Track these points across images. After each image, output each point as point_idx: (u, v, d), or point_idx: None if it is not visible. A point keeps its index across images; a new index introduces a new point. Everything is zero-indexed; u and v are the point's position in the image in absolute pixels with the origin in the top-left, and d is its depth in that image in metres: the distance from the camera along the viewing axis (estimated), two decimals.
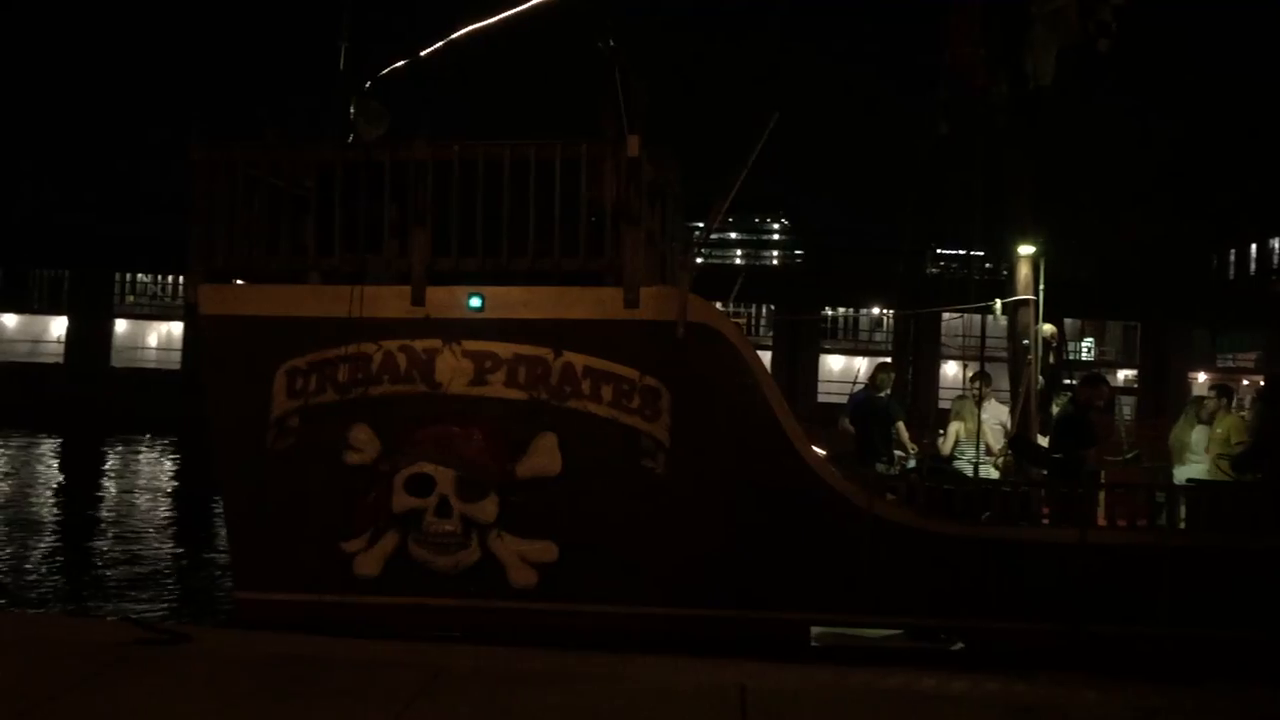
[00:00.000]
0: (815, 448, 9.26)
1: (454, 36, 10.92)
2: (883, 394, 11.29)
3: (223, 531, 17.26)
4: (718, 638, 8.62)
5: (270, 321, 9.07)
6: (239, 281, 9.51)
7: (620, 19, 10.50)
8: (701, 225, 12.69)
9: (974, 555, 8.69)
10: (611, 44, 10.06)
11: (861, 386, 11.77)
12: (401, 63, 10.85)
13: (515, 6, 11.11)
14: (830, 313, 50.14)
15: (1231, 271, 53.76)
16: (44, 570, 15.02)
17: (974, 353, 12.97)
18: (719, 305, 13.19)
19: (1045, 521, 9.03)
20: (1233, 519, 8.84)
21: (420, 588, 8.92)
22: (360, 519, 8.93)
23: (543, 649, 7.89)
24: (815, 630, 8.91)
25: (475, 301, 8.92)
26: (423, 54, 10.74)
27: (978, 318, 13.30)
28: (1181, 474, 10.66)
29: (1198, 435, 11.14)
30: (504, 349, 8.89)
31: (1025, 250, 11.29)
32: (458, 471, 8.83)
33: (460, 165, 9.01)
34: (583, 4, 11.34)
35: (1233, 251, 53.54)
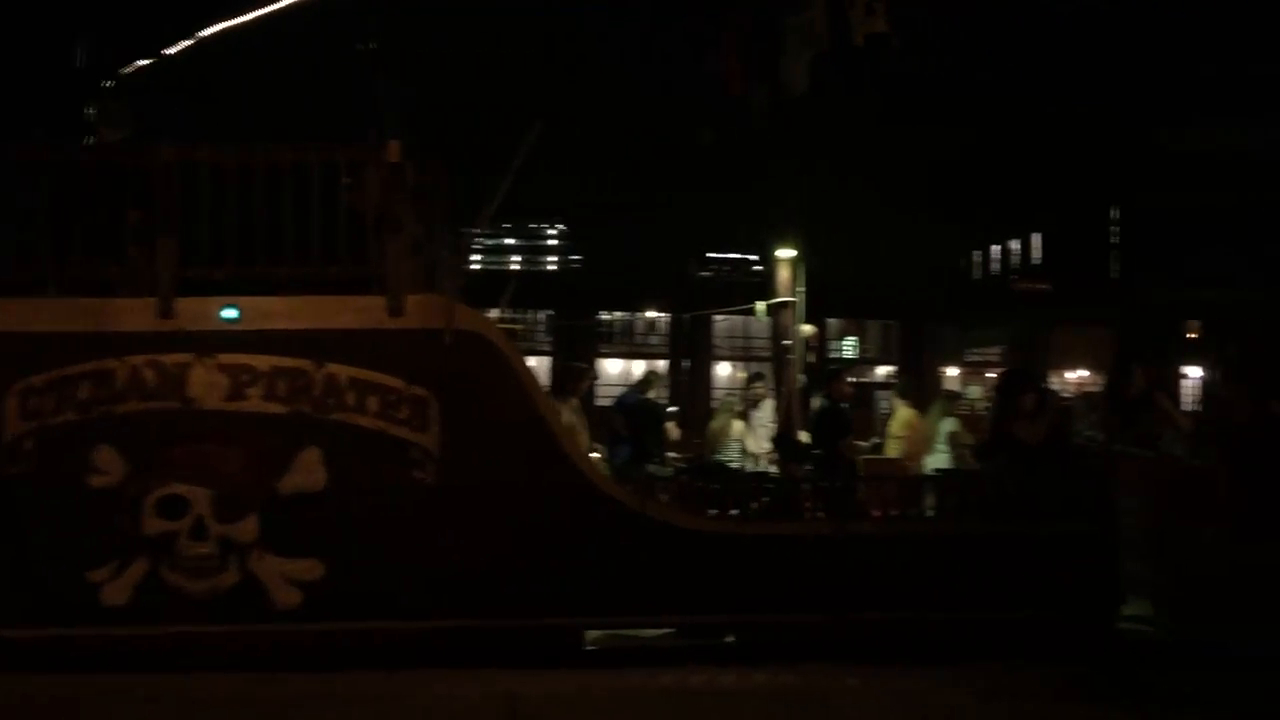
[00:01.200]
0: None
1: (201, 35, 10.44)
2: (650, 395, 11.50)
3: None
4: (494, 648, 8.54)
5: (2, 338, 8.41)
6: None
7: (385, 19, 10.28)
8: (473, 230, 12.59)
9: (742, 551, 8.93)
10: (373, 46, 9.84)
11: (630, 390, 11.96)
12: (145, 62, 10.30)
13: (269, 5, 10.72)
14: (607, 317, 50.70)
15: (978, 271, 57.53)
16: None
17: (745, 354, 13.39)
18: (495, 312, 13.10)
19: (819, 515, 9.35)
20: (974, 506, 9.41)
21: (176, 616, 8.44)
22: (106, 546, 8.37)
23: (310, 672, 7.64)
24: (590, 634, 8.95)
25: (229, 313, 8.53)
26: (168, 52, 10.23)
27: (748, 320, 13.74)
28: (931, 464, 11.33)
29: (945, 426, 11.91)
30: (262, 361, 8.53)
31: (784, 254, 11.72)
32: (214, 491, 8.41)
33: (210, 170, 8.61)
34: (343, 3, 11.05)
35: (977, 253, 57.32)
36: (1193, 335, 41.05)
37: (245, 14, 10.65)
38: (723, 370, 45.59)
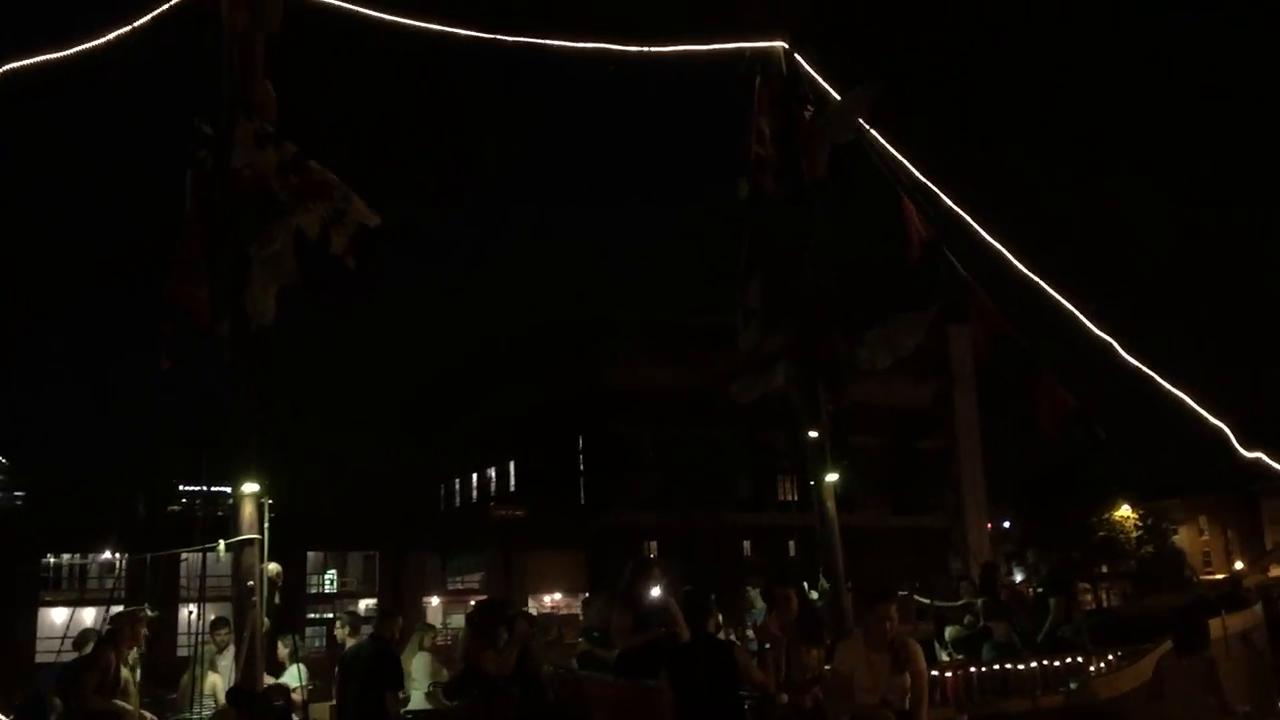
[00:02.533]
0: None
1: None
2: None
3: None
4: None
5: None
6: None
7: None
8: None
9: None
10: None
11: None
12: None
13: None
14: (53, 560, 45.19)
15: (457, 499, 58.71)
16: None
17: (208, 595, 12.38)
18: None
19: None
20: None
21: None
22: None
23: None
24: None
25: None
26: None
27: (206, 558, 12.76)
28: (412, 703, 10.90)
29: (419, 661, 11.54)
30: None
31: (248, 488, 11.12)
32: None
33: None
34: None
35: (458, 480, 58.67)
36: (650, 556, 44.34)
37: None
38: (185, 613, 41.95)
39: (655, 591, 10.04)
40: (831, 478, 12.52)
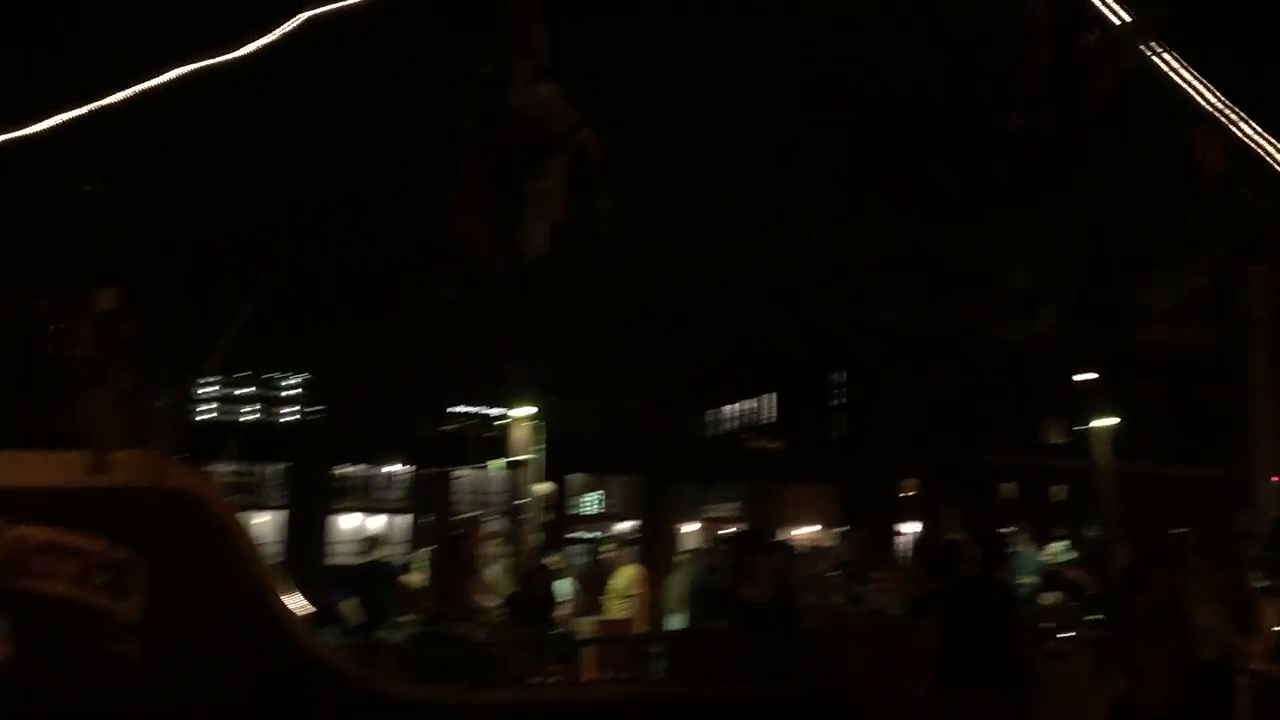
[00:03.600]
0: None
1: None
2: (378, 555, 11.15)
3: None
4: None
5: None
6: None
7: (107, 160, 9.92)
8: (196, 381, 12.03)
9: None
10: (89, 188, 9.44)
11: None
12: None
13: None
14: (345, 471, 49.16)
15: (715, 429, 59.59)
16: None
17: (487, 509, 13.23)
18: (223, 466, 12.44)
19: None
20: (706, 668, 9.47)
21: None
22: None
23: None
24: None
25: None
26: None
27: (489, 475, 13.63)
28: (673, 624, 11.31)
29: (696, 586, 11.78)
30: None
31: (521, 411, 11.79)
32: None
33: None
34: (65, 144, 10.60)
35: (717, 411, 59.52)
36: (908, 494, 43.65)
37: None
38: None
39: (941, 537, 9.98)
40: (1105, 422, 12.01)
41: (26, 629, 7.78)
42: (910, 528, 41.43)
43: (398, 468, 47.35)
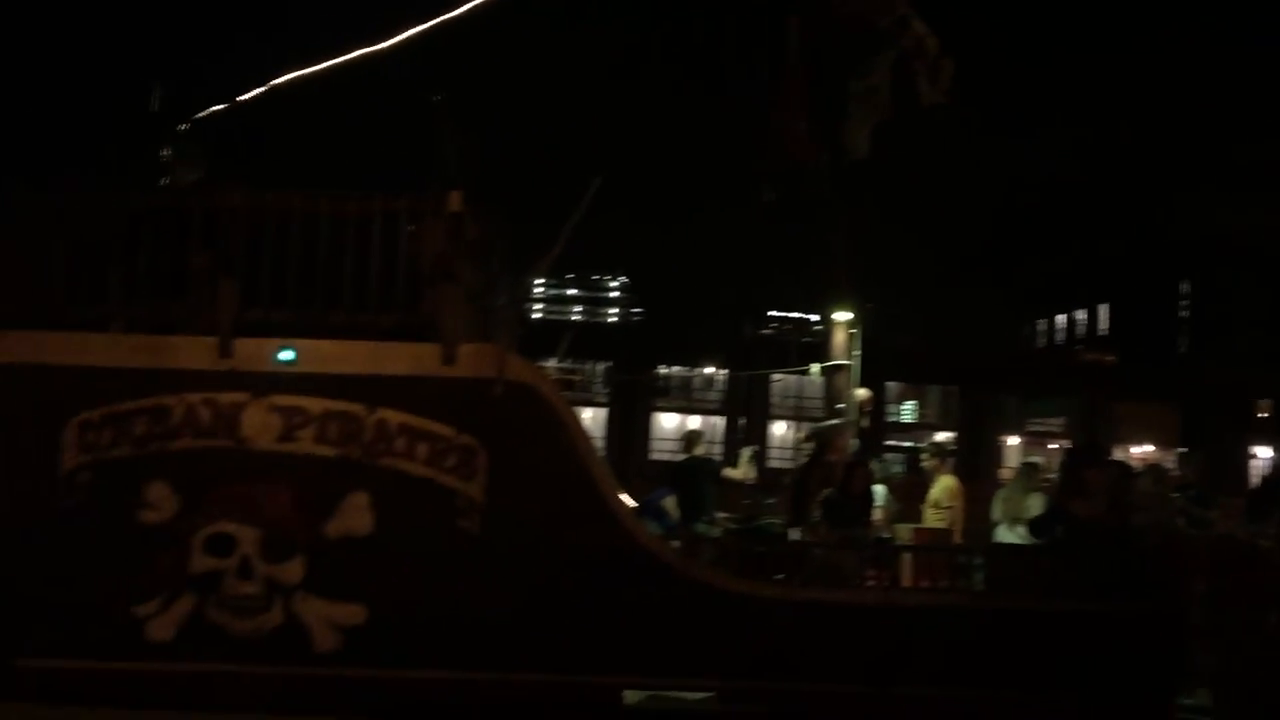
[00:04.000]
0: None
1: (275, 83, 10.70)
2: (698, 452, 11.43)
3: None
4: (531, 703, 8.47)
5: (61, 371, 8.57)
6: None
7: (452, 69, 10.47)
8: (529, 281, 12.69)
9: (785, 617, 8.78)
10: (439, 97, 10.00)
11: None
12: (219, 107, 10.57)
13: (342, 55, 10.98)
14: (665, 371, 50.71)
15: (1041, 340, 56.81)
16: None
17: (801, 413, 13.31)
18: (553, 363, 13.13)
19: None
20: (1027, 582, 9.17)
21: (219, 654, 8.48)
22: (154, 581, 8.45)
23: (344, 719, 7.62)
24: (628, 694, 8.83)
25: (286, 354, 8.64)
26: (241, 99, 10.49)
27: (804, 380, 13.67)
28: (1003, 538, 10.99)
29: (1032, 501, 11.36)
30: (315, 404, 8.61)
31: (841, 316, 11.65)
32: (262, 531, 8.47)
33: (275, 215, 8.77)
34: (414, 54, 11.28)
35: (1041, 322, 56.66)
36: (1263, 415, 40.06)
37: (317, 63, 10.93)
38: (778, 429, 45.31)
39: None
40: None
41: (386, 503, 8.60)
42: (1265, 452, 38.08)
43: (714, 370, 48.42)
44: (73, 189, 8.93)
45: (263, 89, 10.68)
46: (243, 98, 10.52)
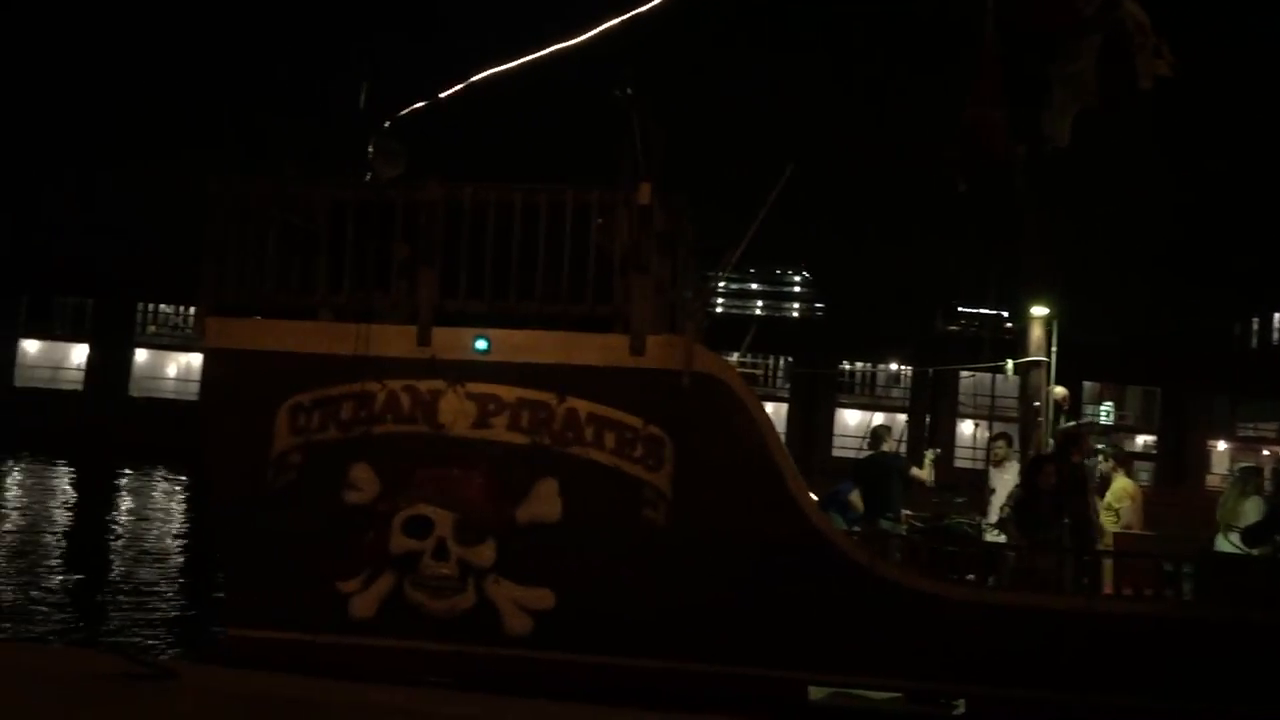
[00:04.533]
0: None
1: (473, 80, 11.00)
2: (885, 448, 11.20)
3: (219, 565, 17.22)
4: (713, 694, 8.48)
5: (276, 356, 9.06)
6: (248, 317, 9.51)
7: (641, 64, 10.55)
8: (716, 274, 12.68)
9: (977, 620, 8.54)
10: (629, 91, 10.10)
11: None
12: (420, 104, 10.94)
13: (535, 52, 11.22)
14: (847, 367, 50.01)
15: (1254, 340, 53.41)
16: (41, 597, 14.99)
17: (991, 412, 12.90)
18: (734, 356, 13.09)
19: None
20: (1241, 592, 8.66)
21: (415, 631, 8.81)
22: (357, 559, 8.85)
23: (533, 699, 7.78)
24: (813, 690, 8.76)
25: (481, 344, 8.90)
26: (442, 96, 10.83)
27: (994, 378, 13.26)
28: (1224, 546, 10.37)
29: (1249, 506, 10.66)
30: (508, 392, 8.84)
31: (1038, 311, 11.22)
32: (456, 514, 8.75)
33: (472, 208, 9.04)
34: (603, 51, 11.43)
35: (1255, 320, 53.23)
36: None
37: (512, 61, 11.19)
38: (965, 428, 44.10)
39: None
40: None
41: (574, 491, 8.76)
42: None
43: (897, 366, 47.51)
44: (286, 181, 9.39)
45: (461, 86, 11.00)
46: (443, 94, 10.85)
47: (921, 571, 8.84)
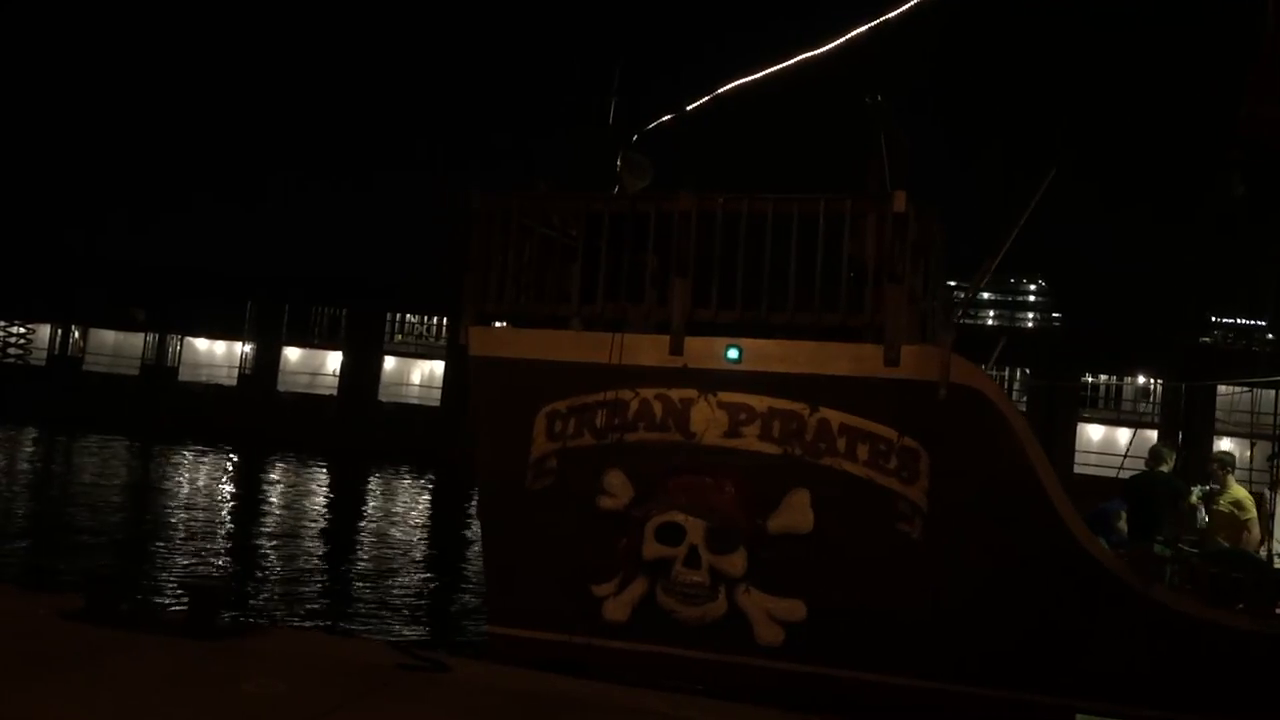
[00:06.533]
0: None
1: (720, 92, 11.09)
2: (1164, 469, 10.54)
3: (474, 564, 17.96)
4: (969, 717, 8.20)
5: (534, 365, 9.36)
6: (503, 325, 9.87)
7: (888, 74, 10.38)
8: (961, 285, 12.32)
9: (1268, 653, 7.92)
10: (878, 99, 9.94)
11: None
12: (668, 117, 11.11)
13: (780, 63, 11.20)
14: (1090, 380, 47.59)
15: None
16: (307, 588, 16.03)
17: (1259, 431, 11.98)
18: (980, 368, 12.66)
19: None
20: None
21: (666, 637, 8.90)
22: (611, 564, 9.02)
23: (784, 710, 7.73)
24: (1079, 717, 8.33)
25: (733, 353, 8.92)
26: (689, 109, 10.96)
27: (1255, 392, 12.30)
28: None
29: None
30: (759, 402, 8.83)
31: None
32: (708, 522, 8.79)
33: (723, 218, 9.08)
34: (849, 61, 11.31)
35: None
36: None
37: (757, 72, 11.22)
38: (1225, 447, 41.17)
39: None
40: None
41: (827, 502, 8.65)
42: None
43: (1149, 379, 44.86)
44: (544, 195, 9.70)
45: (708, 98, 11.10)
46: (690, 107, 10.99)
47: (1202, 598, 8.28)
